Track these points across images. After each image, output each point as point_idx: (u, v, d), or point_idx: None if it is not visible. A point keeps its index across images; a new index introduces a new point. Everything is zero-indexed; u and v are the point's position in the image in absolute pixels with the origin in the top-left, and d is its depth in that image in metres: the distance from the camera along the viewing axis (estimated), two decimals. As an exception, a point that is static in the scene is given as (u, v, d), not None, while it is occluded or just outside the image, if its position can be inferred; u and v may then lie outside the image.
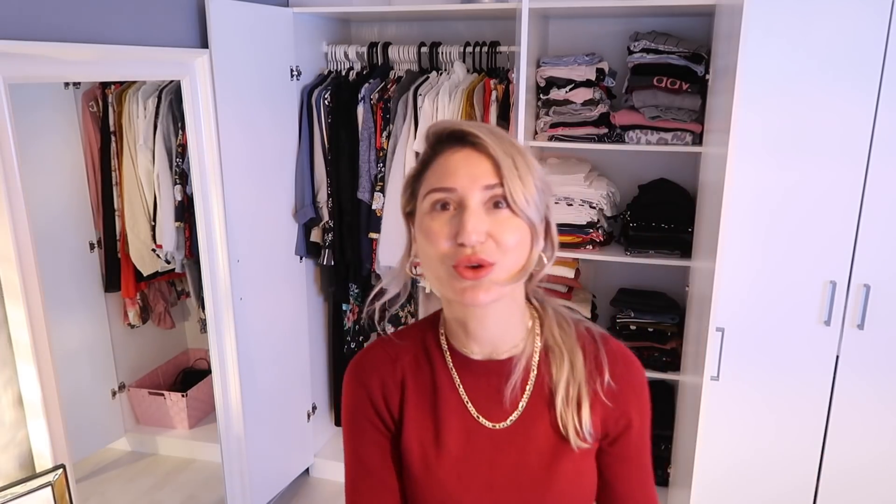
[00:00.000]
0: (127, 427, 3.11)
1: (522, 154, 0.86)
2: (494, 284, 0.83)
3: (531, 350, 0.95)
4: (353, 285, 2.78)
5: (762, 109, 1.97)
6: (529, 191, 0.84)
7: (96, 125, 2.77)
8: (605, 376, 0.92)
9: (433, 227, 0.84)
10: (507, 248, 0.83)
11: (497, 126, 0.94)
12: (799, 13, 1.90)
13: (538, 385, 0.94)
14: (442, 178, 0.85)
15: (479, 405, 0.94)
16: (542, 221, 0.88)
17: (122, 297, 2.97)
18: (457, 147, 0.86)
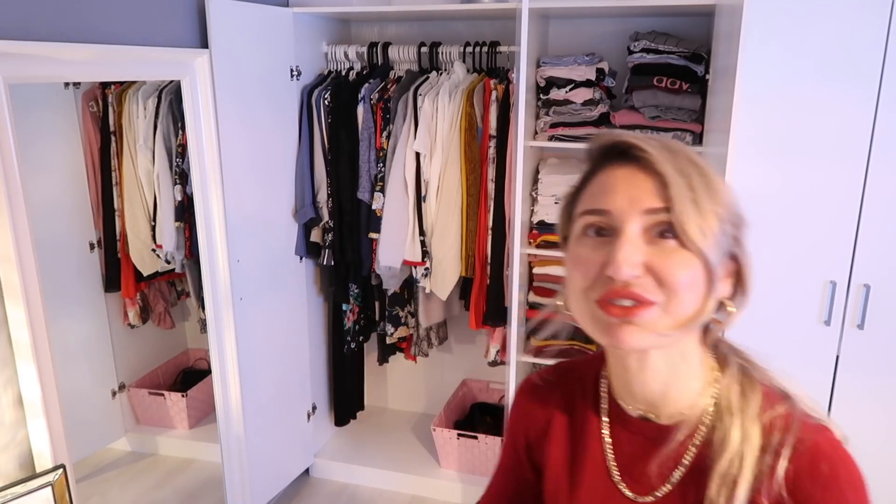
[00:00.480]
0: (127, 427, 3.10)
1: (704, 174, 0.69)
2: (650, 330, 0.69)
3: (698, 419, 0.75)
4: (353, 285, 2.78)
5: (762, 109, 1.97)
6: (707, 220, 0.67)
7: (96, 125, 2.77)
8: (780, 464, 0.69)
9: (580, 253, 0.72)
10: (671, 288, 0.68)
11: (672, 139, 0.78)
12: (799, 13, 1.90)
13: (699, 458, 0.75)
14: (597, 198, 0.72)
15: (624, 469, 0.80)
16: (726, 259, 0.71)
17: (122, 297, 2.96)
18: (620, 163, 0.72)
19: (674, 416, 0.76)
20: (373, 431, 3.17)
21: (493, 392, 3.14)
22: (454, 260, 2.53)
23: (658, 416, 0.78)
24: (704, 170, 0.70)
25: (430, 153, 2.48)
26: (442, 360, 3.17)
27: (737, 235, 0.72)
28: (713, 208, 0.68)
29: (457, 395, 3.08)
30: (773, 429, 0.71)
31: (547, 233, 2.48)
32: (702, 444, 0.75)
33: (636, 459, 0.78)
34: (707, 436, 0.74)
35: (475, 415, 3.06)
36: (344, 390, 3.00)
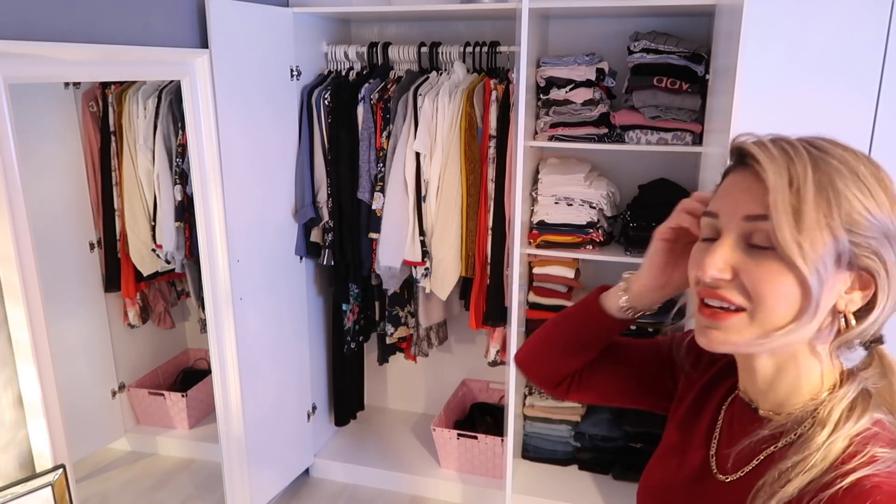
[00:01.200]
0: (127, 427, 3.10)
1: (826, 183, 0.65)
2: (735, 336, 0.69)
3: (796, 421, 0.73)
4: (353, 285, 2.78)
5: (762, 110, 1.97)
6: (808, 232, 0.64)
7: (96, 125, 2.77)
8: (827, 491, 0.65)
9: (694, 252, 0.74)
10: (755, 298, 0.67)
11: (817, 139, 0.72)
12: (799, 13, 1.90)
13: (778, 455, 0.72)
14: (715, 201, 0.74)
15: (721, 443, 0.82)
16: (846, 273, 0.67)
17: (122, 297, 2.96)
18: (742, 167, 0.72)
19: (773, 410, 0.76)
20: (373, 431, 3.17)
21: (493, 392, 3.14)
22: (454, 260, 2.53)
23: (759, 407, 0.78)
24: (832, 178, 0.66)
25: (430, 153, 2.48)
26: (442, 360, 3.17)
27: (872, 248, 0.66)
28: (825, 220, 0.64)
29: (457, 395, 3.08)
30: (852, 457, 0.66)
31: (547, 233, 2.48)
32: (787, 445, 0.73)
33: (732, 440, 0.79)
34: (796, 439, 0.72)
35: (475, 415, 3.06)
36: (344, 390, 3.00)
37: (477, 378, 3.16)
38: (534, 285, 2.62)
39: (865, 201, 0.65)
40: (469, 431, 2.80)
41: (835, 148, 0.69)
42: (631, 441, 2.71)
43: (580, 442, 2.79)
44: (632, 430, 2.69)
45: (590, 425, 2.76)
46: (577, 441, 2.79)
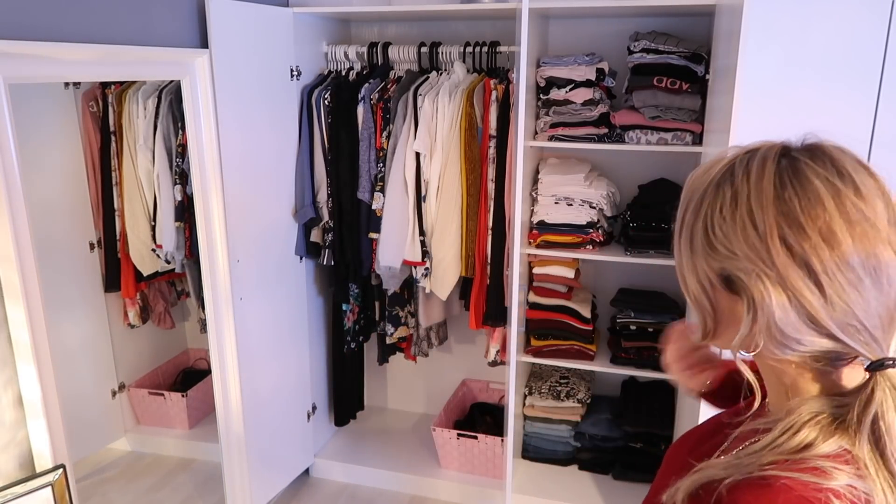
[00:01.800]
0: (127, 427, 3.10)
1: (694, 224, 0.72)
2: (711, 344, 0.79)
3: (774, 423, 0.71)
4: (353, 285, 2.78)
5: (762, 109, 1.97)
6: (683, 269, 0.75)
7: (96, 125, 2.77)
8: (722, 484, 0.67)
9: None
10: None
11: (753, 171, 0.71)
12: (799, 13, 1.90)
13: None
14: None
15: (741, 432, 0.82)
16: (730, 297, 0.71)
17: (122, 297, 2.96)
18: None
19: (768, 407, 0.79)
20: (373, 431, 3.17)
21: (493, 392, 3.14)
22: (454, 260, 2.53)
23: (773, 412, 0.77)
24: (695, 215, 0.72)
25: (430, 153, 2.47)
26: (442, 360, 3.17)
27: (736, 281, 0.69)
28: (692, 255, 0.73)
29: (457, 395, 3.08)
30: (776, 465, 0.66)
31: (547, 233, 2.49)
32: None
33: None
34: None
35: (475, 415, 3.06)
36: (344, 390, 3.00)
37: (477, 378, 3.16)
38: (534, 285, 2.62)
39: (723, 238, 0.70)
40: (469, 431, 2.80)
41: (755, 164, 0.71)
42: (631, 441, 2.71)
43: (580, 442, 2.79)
44: (632, 430, 2.69)
45: (590, 425, 2.76)
46: (577, 441, 2.79)
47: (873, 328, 0.66)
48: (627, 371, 2.59)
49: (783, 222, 0.66)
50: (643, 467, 2.67)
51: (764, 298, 0.67)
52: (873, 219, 0.65)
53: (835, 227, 0.65)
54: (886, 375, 0.66)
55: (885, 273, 0.65)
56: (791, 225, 0.66)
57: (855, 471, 0.64)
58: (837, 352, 0.68)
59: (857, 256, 0.64)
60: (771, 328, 0.67)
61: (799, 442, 0.66)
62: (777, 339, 0.68)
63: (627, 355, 2.54)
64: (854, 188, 0.66)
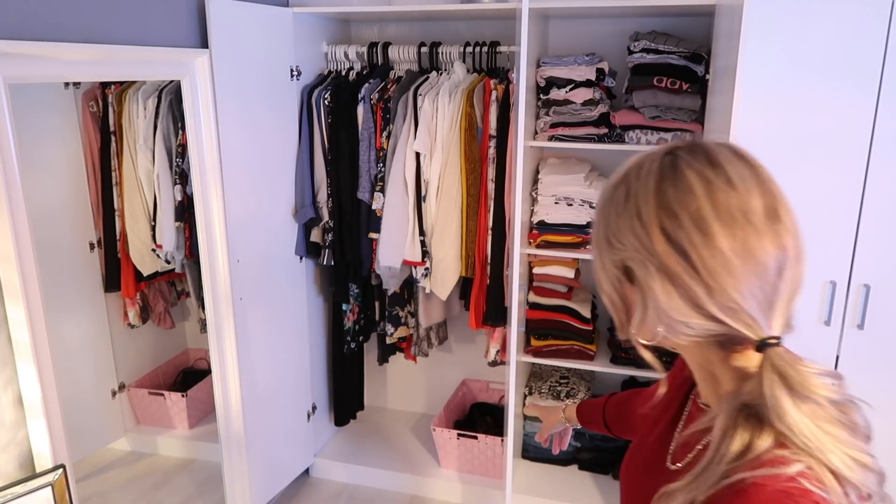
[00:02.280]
0: (127, 427, 3.10)
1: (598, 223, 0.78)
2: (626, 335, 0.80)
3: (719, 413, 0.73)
4: (353, 285, 2.78)
5: (762, 109, 1.97)
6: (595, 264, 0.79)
7: (96, 125, 2.77)
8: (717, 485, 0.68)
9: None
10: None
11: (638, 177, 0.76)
12: (799, 13, 1.90)
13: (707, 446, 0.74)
14: None
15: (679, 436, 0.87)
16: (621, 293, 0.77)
17: (122, 297, 2.96)
18: None
19: (706, 402, 0.82)
20: (373, 431, 3.17)
21: (493, 392, 3.14)
22: (454, 260, 2.53)
23: (704, 398, 0.84)
24: (600, 217, 0.77)
25: (430, 153, 2.48)
26: (442, 360, 3.17)
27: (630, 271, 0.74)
28: (599, 253, 0.77)
29: (457, 395, 3.08)
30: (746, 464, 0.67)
31: (547, 233, 2.49)
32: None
33: (687, 439, 0.84)
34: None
35: (475, 415, 3.06)
36: (344, 390, 3.00)
37: (477, 378, 3.16)
38: (534, 285, 2.62)
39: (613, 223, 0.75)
40: (469, 431, 2.80)
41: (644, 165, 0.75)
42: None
43: (580, 442, 2.79)
44: (632, 430, 2.70)
45: (590, 425, 2.76)
46: (577, 441, 2.79)
47: (751, 310, 0.68)
48: (627, 371, 2.59)
49: (662, 213, 0.70)
50: (643, 467, 2.67)
51: (650, 285, 0.71)
52: (745, 207, 0.69)
53: (705, 214, 0.68)
54: (772, 354, 0.69)
55: (757, 258, 0.68)
56: (668, 215, 0.70)
57: (792, 454, 0.66)
58: (726, 334, 0.71)
59: (727, 241, 0.68)
60: (660, 313, 0.72)
61: (740, 447, 0.68)
62: (667, 324, 0.72)
63: (627, 355, 2.54)
64: (726, 178, 0.70)
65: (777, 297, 0.70)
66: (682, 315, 0.71)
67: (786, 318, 0.71)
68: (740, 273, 0.68)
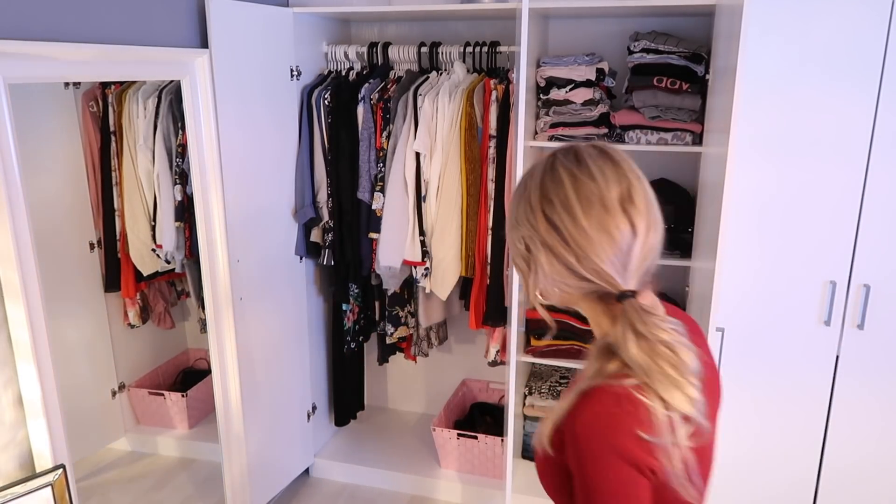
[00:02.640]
0: (127, 427, 3.10)
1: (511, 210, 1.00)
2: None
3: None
4: (353, 285, 2.78)
5: (762, 109, 1.97)
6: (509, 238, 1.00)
7: (96, 125, 2.77)
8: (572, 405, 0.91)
9: None
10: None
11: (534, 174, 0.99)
12: (799, 13, 1.90)
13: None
14: None
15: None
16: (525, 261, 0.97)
17: (122, 297, 2.96)
18: None
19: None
20: (373, 431, 3.17)
21: (493, 392, 3.14)
22: (454, 260, 2.53)
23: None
24: (511, 206, 0.99)
25: (430, 153, 2.48)
26: (442, 360, 3.17)
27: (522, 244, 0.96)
28: (509, 233, 0.99)
29: (457, 395, 3.08)
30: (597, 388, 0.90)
31: (547, 233, 2.48)
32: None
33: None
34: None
35: (475, 415, 3.06)
36: (344, 390, 3.00)
37: (477, 378, 3.16)
38: (534, 285, 2.61)
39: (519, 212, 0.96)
40: (469, 431, 2.80)
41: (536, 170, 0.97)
42: (631, 441, 2.71)
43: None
44: (632, 430, 2.69)
45: (590, 425, 2.76)
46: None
47: (611, 271, 0.90)
48: (627, 371, 2.59)
49: (543, 201, 0.92)
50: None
51: (537, 255, 0.93)
52: (602, 195, 0.90)
53: (571, 201, 0.90)
54: (627, 305, 0.91)
55: (611, 234, 0.89)
56: (547, 202, 0.91)
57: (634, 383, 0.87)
58: (597, 291, 0.93)
59: (587, 221, 0.89)
60: (546, 276, 0.93)
61: (593, 371, 0.91)
62: (553, 284, 0.94)
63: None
64: (588, 173, 0.92)
65: (630, 262, 0.91)
66: (561, 277, 0.92)
67: (640, 277, 0.94)
68: (598, 245, 0.89)
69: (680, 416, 0.86)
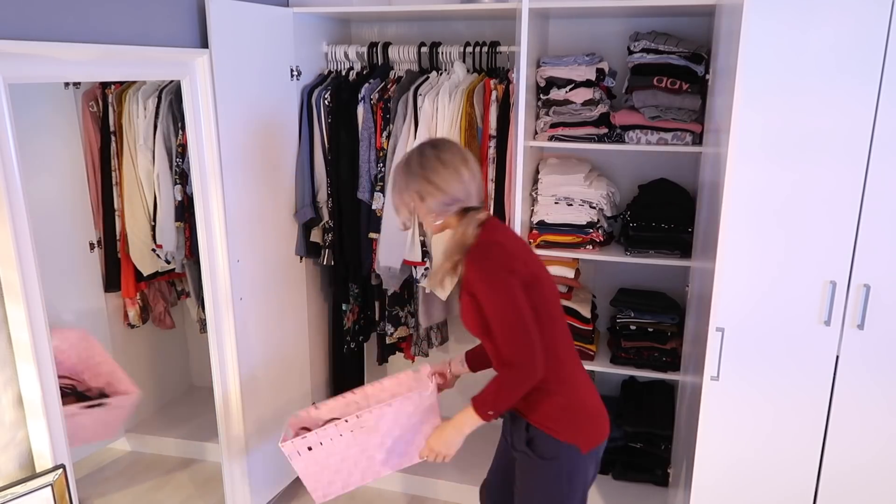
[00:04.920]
0: (127, 427, 3.11)
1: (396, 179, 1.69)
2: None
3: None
4: (353, 285, 2.78)
5: (762, 109, 1.97)
6: (394, 200, 1.72)
7: (96, 125, 2.77)
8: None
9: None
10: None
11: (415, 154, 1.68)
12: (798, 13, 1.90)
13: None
14: None
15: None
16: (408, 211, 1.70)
17: (122, 297, 2.97)
18: None
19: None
20: (373, 431, 3.17)
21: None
22: (454, 260, 2.53)
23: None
24: (399, 178, 1.68)
25: (430, 153, 2.47)
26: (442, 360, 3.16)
27: (413, 201, 1.66)
28: (396, 194, 1.69)
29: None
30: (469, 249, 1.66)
31: (547, 233, 2.49)
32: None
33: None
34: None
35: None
36: (344, 390, 2.99)
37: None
38: (534, 285, 2.61)
39: (407, 181, 1.65)
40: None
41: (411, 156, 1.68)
42: (631, 441, 2.71)
43: (580, 442, 2.78)
44: (632, 430, 2.69)
45: (590, 425, 2.76)
46: (577, 441, 2.78)
47: (463, 198, 1.65)
48: (627, 371, 2.59)
49: (420, 170, 1.64)
50: (643, 467, 2.67)
51: (426, 199, 1.63)
52: (452, 164, 1.63)
53: (436, 170, 1.63)
54: (469, 213, 1.66)
55: (459, 177, 1.63)
56: (424, 170, 1.63)
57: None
58: (458, 209, 1.66)
59: (441, 177, 1.62)
60: (434, 209, 1.64)
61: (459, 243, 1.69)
62: (437, 212, 1.65)
63: (627, 355, 2.54)
64: (437, 155, 1.64)
65: (471, 192, 1.65)
66: (441, 207, 1.64)
67: (479, 199, 1.69)
68: (454, 184, 1.62)
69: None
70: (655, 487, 2.67)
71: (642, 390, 2.83)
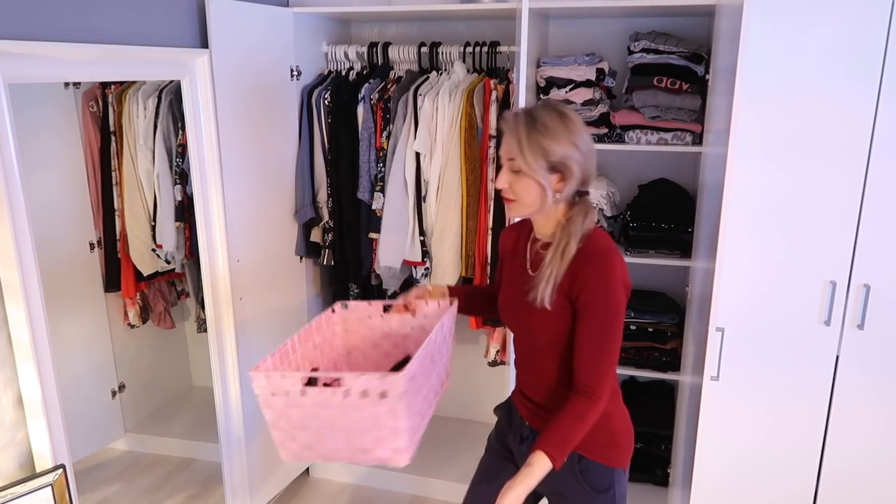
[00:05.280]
0: (127, 427, 3.11)
1: (530, 136, 1.37)
2: (515, 212, 1.45)
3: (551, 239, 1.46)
4: (353, 285, 2.78)
5: (762, 109, 1.97)
6: (528, 161, 1.37)
7: (96, 125, 2.77)
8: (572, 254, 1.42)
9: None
10: (516, 195, 1.42)
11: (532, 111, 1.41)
12: (798, 14, 1.90)
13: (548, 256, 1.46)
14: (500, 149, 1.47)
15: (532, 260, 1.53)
16: (550, 176, 1.38)
17: (122, 297, 2.97)
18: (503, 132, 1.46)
19: (545, 236, 1.49)
20: (373, 431, 3.17)
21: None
22: (454, 260, 2.53)
23: (541, 237, 1.50)
24: (533, 133, 1.37)
25: (430, 153, 2.48)
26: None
27: (559, 162, 1.37)
28: (533, 154, 1.36)
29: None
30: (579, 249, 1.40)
31: (547, 233, 2.48)
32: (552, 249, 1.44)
33: (536, 257, 1.50)
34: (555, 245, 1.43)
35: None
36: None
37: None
38: (534, 285, 2.61)
39: (552, 142, 1.36)
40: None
41: (540, 112, 1.39)
42: (631, 441, 2.71)
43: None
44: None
45: (590, 425, 2.76)
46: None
47: (588, 180, 1.44)
48: (627, 371, 2.59)
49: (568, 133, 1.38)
50: (643, 467, 2.67)
51: (571, 168, 1.39)
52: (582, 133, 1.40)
53: (584, 135, 1.40)
54: (582, 199, 1.46)
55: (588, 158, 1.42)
56: (573, 134, 1.38)
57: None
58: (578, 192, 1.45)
59: (589, 145, 1.42)
60: (567, 190, 1.41)
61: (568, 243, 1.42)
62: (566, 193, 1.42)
63: (627, 355, 2.54)
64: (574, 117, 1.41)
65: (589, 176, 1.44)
66: (574, 185, 1.41)
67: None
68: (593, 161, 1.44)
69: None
70: (655, 487, 2.67)
71: (642, 390, 2.83)
